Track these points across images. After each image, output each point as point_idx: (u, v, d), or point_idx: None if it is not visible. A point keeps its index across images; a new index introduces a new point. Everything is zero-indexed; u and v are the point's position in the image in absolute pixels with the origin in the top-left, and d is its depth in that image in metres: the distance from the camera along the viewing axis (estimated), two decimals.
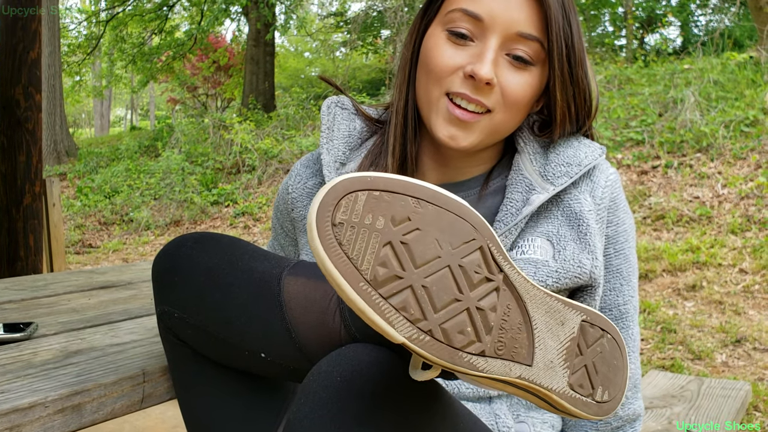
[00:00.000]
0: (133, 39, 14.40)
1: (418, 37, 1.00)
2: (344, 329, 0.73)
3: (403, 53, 1.02)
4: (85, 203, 9.14)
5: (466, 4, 0.92)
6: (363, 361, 0.68)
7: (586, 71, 0.95)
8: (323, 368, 0.68)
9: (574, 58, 0.93)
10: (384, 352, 0.70)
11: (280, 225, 1.12)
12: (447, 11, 0.94)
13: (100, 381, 0.85)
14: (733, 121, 6.22)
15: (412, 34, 1.01)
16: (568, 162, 0.97)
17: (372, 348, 0.70)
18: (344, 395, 0.64)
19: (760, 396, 3.05)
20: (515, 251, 0.95)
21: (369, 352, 0.69)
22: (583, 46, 0.95)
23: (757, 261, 4.53)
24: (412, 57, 1.01)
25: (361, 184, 0.57)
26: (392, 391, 0.66)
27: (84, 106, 30.31)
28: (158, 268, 0.83)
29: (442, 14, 0.96)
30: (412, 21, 1.03)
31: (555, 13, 0.91)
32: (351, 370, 0.66)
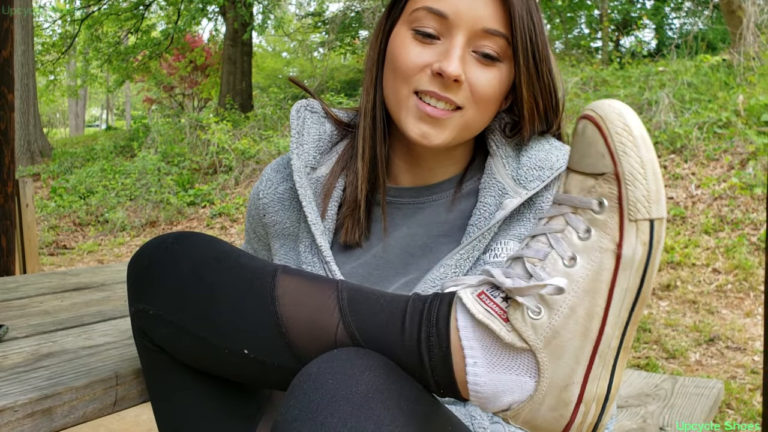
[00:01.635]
0: (109, 38, 14.26)
1: (384, 38, 1.00)
2: (342, 327, 0.72)
3: (369, 54, 1.02)
4: (60, 204, 9.03)
5: (430, 2, 0.92)
6: (355, 364, 0.67)
7: (550, 67, 0.96)
8: (314, 370, 0.67)
9: (539, 53, 0.94)
10: (376, 357, 0.70)
11: (252, 230, 1.11)
12: (412, 10, 0.94)
13: (72, 384, 0.83)
14: (707, 122, 6.30)
15: (377, 35, 1.01)
16: (540, 166, 0.97)
17: (364, 352, 0.70)
18: (336, 399, 0.64)
19: (732, 394, 3.10)
20: (488, 254, 0.95)
21: (361, 356, 0.69)
22: (547, 42, 0.96)
23: (729, 261, 4.60)
24: (378, 58, 1.01)
25: None
26: (384, 395, 0.65)
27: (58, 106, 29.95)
28: (136, 265, 0.81)
29: (407, 13, 0.96)
30: (377, 21, 1.03)
31: (518, 8, 0.91)
32: (343, 374, 0.66)
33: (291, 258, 1.02)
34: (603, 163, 0.67)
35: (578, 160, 0.70)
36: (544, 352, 0.68)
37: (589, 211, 0.68)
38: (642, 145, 0.66)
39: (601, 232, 0.67)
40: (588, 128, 0.68)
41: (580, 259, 0.67)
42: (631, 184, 0.65)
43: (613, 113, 0.66)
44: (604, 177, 0.67)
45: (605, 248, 0.66)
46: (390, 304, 0.74)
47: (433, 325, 0.71)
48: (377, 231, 1.02)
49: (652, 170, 0.65)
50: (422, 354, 0.70)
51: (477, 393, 0.70)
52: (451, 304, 0.72)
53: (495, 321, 0.69)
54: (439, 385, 0.71)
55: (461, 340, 0.69)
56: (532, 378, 0.69)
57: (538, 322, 0.67)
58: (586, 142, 0.69)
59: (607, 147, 0.66)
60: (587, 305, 0.66)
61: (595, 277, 0.66)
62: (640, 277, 0.66)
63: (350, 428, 0.61)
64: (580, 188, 0.69)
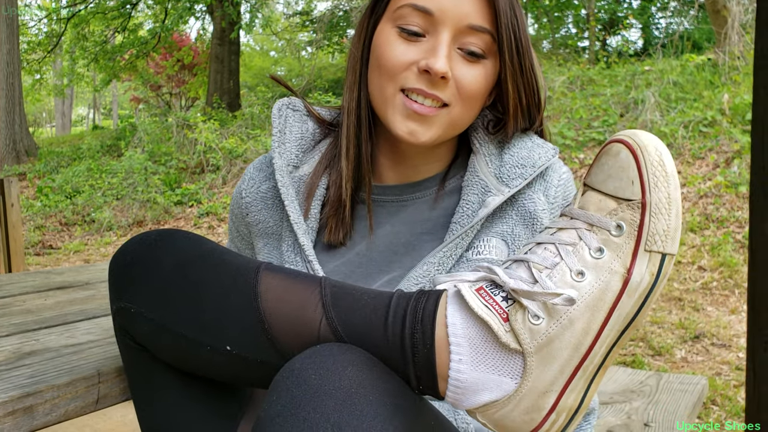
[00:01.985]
0: (96, 37, 14.18)
1: (368, 35, 1.00)
2: (325, 322, 0.72)
3: (352, 52, 1.01)
4: (46, 203, 8.97)
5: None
6: (338, 360, 0.67)
7: (533, 62, 0.96)
8: (297, 366, 0.67)
9: (522, 48, 0.94)
10: (359, 352, 0.70)
11: (235, 228, 1.11)
12: (396, 7, 0.94)
13: (53, 382, 0.83)
14: (692, 121, 6.35)
15: (361, 32, 1.01)
16: (523, 164, 0.98)
17: (347, 348, 0.70)
18: (319, 394, 0.64)
19: (717, 390, 3.12)
20: (471, 252, 0.95)
21: (344, 352, 0.69)
22: (529, 38, 0.96)
23: (715, 258, 4.63)
24: (362, 55, 1.00)
25: None
26: (367, 391, 0.65)
27: (45, 105, 29.75)
28: (117, 263, 0.81)
29: (391, 10, 0.95)
30: (359, 19, 1.03)
31: (503, 4, 0.91)
32: (326, 369, 0.66)
33: (274, 257, 1.02)
34: (631, 190, 0.69)
35: (603, 180, 0.72)
36: (535, 356, 0.69)
37: (605, 232, 0.70)
38: (672, 183, 0.69)
39: (614, 254, 0.69)
40: (622, 153, 0.70)
41: (588, 275, 0.69)
42: (655, 216, 0.68)
43: (652, 146, 0.69)
44: (629, 203, 0.69)
45: (615, 270, 0.68)
46: (374, 300, 0.74)
47: (419, 321, 0.71)
48: (361, 229, 1.02)
49: (676, 208, 0.68)
50: (405, 349, 0.71)
51: (456, 390, 0.70)
52: (438, 301, 0.72)
53: (494, 318, 0.69)
54: (420, 381, 0.72)
55: (449, 336, 0.70)
56: (513, 379, 0.70)
57: (536, 327, 0.68)
58: (618, 165, 0.70)
59: (639, 175, 0.69)
60: (586, 320, 0.68)
61: (600, 296, 0.68)
62: (639, 305, 0.68)
63: (333, 423, 0.61)
64: (598, 207, 0.71)
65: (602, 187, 0.71)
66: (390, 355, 0.71)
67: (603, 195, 0.71)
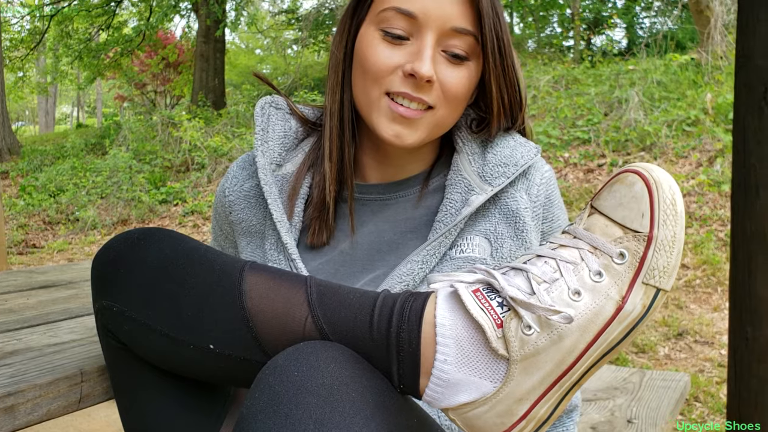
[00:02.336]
0: (80, 34, 14.06)
1: (350, 38, 1.00)
2: (310, 321, 0.73)
3: (334, 54, 1.01)
4: (29, 202, 8.89)
5: (398, 2, 0.92)
6: (321, 357, 0.67)
7: (514, 62, 0.97)
8: (280, 363, 0.67)
9: (505, 49, 0.95)
10: (342, 350, 0.70)
11: (219, 227, 1.11)
12: (379, 10, 0.94)
13: (35, 382, 0.83)
14: (676, 120, 6.39)
15: (342, 35, 1.00)
16: (505, 162, 0.99)
17: (330, 345, 0.70)
18: (301, 391, 0.64)
19: (700, 387, 3.15)
20: (454, 250, 0.96)
21: (327, 349, 0.69)
22: (510, 39, 0.97)
23: (698, 256, 4.67)
24: (344, 58, 1.00)
25: None
26: (349, 388, 0.66)
27: (28, 103, 29.49)
28: (100, 261, 0.81)
29: (374, 13, 0.95)
30: (339, 20, 1.03)
31: (486, 6, 0.92)
32: (308, 366, 0.66)
33: (257, 255, 1.02)
34: (640, 222, 0.71)
35: (613, 206, 0.73)
36: (519, 365, 0.70)
37: (608, 257, 0.71)
38: (680, 223, 0.71)
39: (612, 280, 0.70)
40: (638, 185, 0.72)
41: (585, 296, 0.70)
42: (658, 252, 0.69)
43: (666, 184, 0.71)
44: (635, 234, 0.71)
45: (611, 296, 0.70)
46: (360, 299, 0.74)
47: (405, 320, 0.71)
48: (344, 227, 1.02)
49: (678, 248, 0.70)
50: (390, 348, 0.71)
51: (435, 389, 0.71)
52: (425, 301, 0.73)
53: (488, 322, 0.70)
54: (401, 380, 0.72)
55: (436, 335, 0.70)
56: (492, 383, 0.71)
57: (527, 338, 0.70)
58: (632, 196, 0.72)
59: (651, 210, 0.70)
60: (574, 339, 0.69)
61: (593, 319, 0.70)
62: (625, 333, 0.70)
63: (315, 420, 0.62)
64: (603, 232, 0.73)
65: (611, 214, 0.73)
66: (375, 354, 0.72)
67: (610, 221, 0.73)
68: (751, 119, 1.79)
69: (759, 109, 1.77)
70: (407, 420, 0.71)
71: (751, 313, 1.80)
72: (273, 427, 0.62)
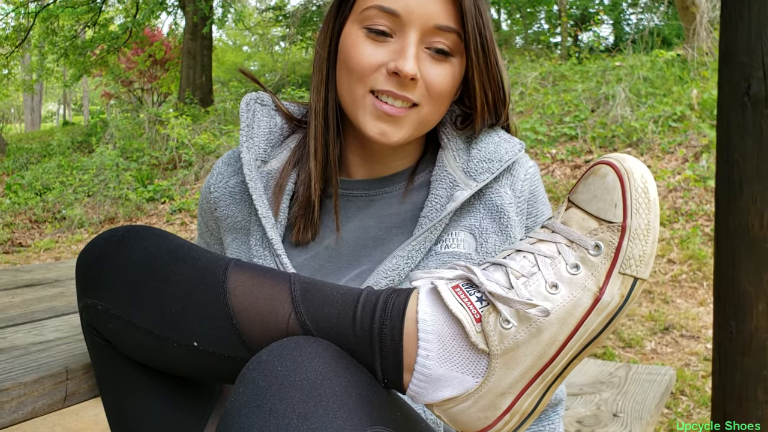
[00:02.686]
0: (65, 31, 13.96)
1: (334, 36, 1.00)
2: (294, 317, 0.73)
3: (319, 53, 1.02)
4: (15, 201, 8.83)
5: (381, 0, 0.92)
6: (304, 352, 0.68)
7: (497, 59, 0.97)
8: (263, 358, 0.68)
9: (488, 46, 0.95)
10: (326, 345, 0.71)
11: (204, 223, 1.11)
12: (362, 9, 0.94)
13: (20, 380, 0.83)
14: (662, 116, 6.43)
15: (326, 33, 1.01)
16: (490, 158, 0.99)
17: (314, 340, 0.71)
18: (284, 385, 0.64)
19: (686, 381, 3.18)
20: (439, 245, 0.97)
21: (311, 344, 0.69)
22: (493, 35, 0.97)
23: (684, 251, 4.70)
24: (328, 57, 1.01)
25: None
26: (333, 382, 0.66)
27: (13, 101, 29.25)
28: (85, 260, 0.81)
29: (357, 12, 0.95)
30: (323, 19, 1.03)
31: (468, 3, 0.92)
32: (292, 361, 0.67)
33: (243, 252, 1.02)
34: (614, 213, 0.71)
35: (588, 200, 0.74)
36: (500, 359, 0.71)
37: (584, 250, 0.72)
38: (653, 211, 0.71)
39: (589, 272, 0.71)
40: (610, 176, 0.72)
41: (562, 289, 0.71)
42: (632, 241, 0.70)
43: (638, 172, 0.71)
44: (609, 225, 0.71)
45: (588, 288, 0.70)
46: (343, 296, 0.75)
47: (388, 316, 0.72)
48: (329, 223, 1.03)
49: (653, 236, 0.71)
50: (373, 344, 0.72)
51: (419, 385, 0.72)
52: (408, 298, 0.73)
53: (467, 317, 0.71)
54: (385, 375, 0.73)
55: (418, 331, 0.71)
56: (475, 378, 0.72)
57: (506, 332, 0.70)
58: (604, 187, 0.73)
59: (623, 200, 0.71)
60: (553, 332, 0.70)
61: (570, 311, 0.70)
62: (605, 324, 0.71)
63: (299, 414, 0.62)
64: (580, 225, 0.73)
65: (586, 207, 0.74)
66: (358, 349, 0.72)
67: (586, 214, 0.73)
68: (734, 115, 1.80)
69: (742, 105, 1.78)
70: (391, 414, 0.71)
71: (735, 306, 1.82)
72: (257, 421, 0.62)
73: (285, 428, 0.61)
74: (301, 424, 0.61)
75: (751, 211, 1.78)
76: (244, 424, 0.63)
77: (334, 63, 1.00)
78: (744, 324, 1.80)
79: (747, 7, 1.78)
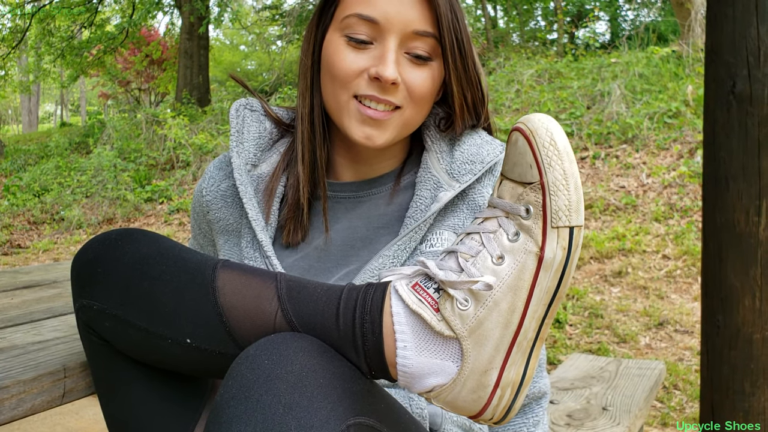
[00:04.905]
0: (62, 32, 13.96)
1: (317, 44, 1.03)
2: (280, 314, 0.77)
3: (302, 61, 1.05)
4: (13, 202, 8.85)
5: (360, 8, 0.96)
6: (290, 347, 0.71)
7: (475, 61, 1.01)
8: (251, 353, 0.71)
9: (465, 49, 0.99)
10: (311, 340, 0.74)
11: (197, 226, 1.14)
12: (342, 17, 0.98)
13: (19, 378, 0.86)
14: (657, 113, 6.46)
15: (309, 41, 1.04)
16: (472, 160, 1.03)
17: (300, 336, 0.74)
18: (271, 378, 0.68)
19: (679, 375, 3.21)
20: (424, 245, 1.00)
21: (296, 339, 0.73)
22: (470, 38, 1.01)
23: (678, 247, 4.73)
24: (312, 64, 1.04)
25: None
26: (317, 374, 0.70)
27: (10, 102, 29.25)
28: (79, 262, 0.84)
29: (338, 20, 0.99)
30: (305, 29, 1.06)
31: (444, 8, 0.96)
32: (278, 355, 0.70)
33: (234, 253, 1.05)
34: (531, 173, 0.74)
35: (510, 168, 0.77)
36: (469, 340, 0.74)
37: (518, 217, 0.74)
38: (566, 158, 0.73)
39: (527, 236, 0.74)
40: (519, 140, 0.75)
41: (507, 258, 0.74)
42: (554, 194, 0.72)
43: (542, 128, 0.73)
44: (531, 186, 0.74)
45: (529, 251, 0.73)
46: (326, 293, 0.78)
47: (368, 311, 0.75)
48: (319, 224, 1.06)
49: (573, 182, 0.73)
50: (356, 338, 0.75)
51: (405, 374, 0.75)
52: (385, 292, 0.77)
53: (427, 310, 0.74)
54: (371, 367, 0.76)
55: (394, 324, 0.75)
56: (455, 363, 0.75)
57: (465, 312, 0.74)
58: (518, 152, 0.75)
59: (534, 159, 0.73)
60: (510, 300, 0.73)
61: (519, 276, 0.73)
62: (558, 278, 0.73)
63: (284, 405, 0.65)
64: (511, 194, 0.76)
65: (511, 175, 0.76)
66: (342, 344, 0.76)
67: (513, 182, 0.76)
68: (720, 113, 1.84)
69: (727, 103, 1.81)
70: (375, 405, 0.75)
71: (721, 301, 1.85)
72: (245, 411, 0.66)
73: (271, 418, 0.65)
74: (286, 414, 0.65)
75: (737, 207, 1.81)
76: (232, 415, 0.66)
77: (318, 70, 1.04)
78: (731, 318, 1.83)
79: (732, 6, 1.81)
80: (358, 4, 0.96)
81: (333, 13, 1.01)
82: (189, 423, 0.87)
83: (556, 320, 3.91)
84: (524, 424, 1.09)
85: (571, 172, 0.73)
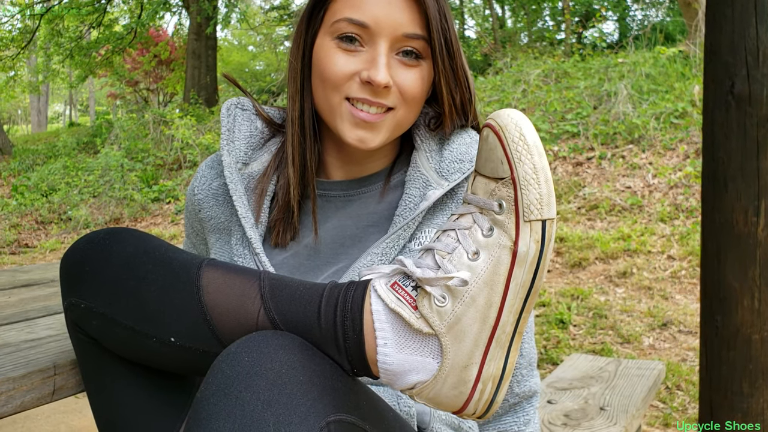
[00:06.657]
0: (70, 33, 14.04)
1: (307, 48, 1.04)
2: (263, 313, 0.77)
3: (292, 64, 1.06)
4: (21, 202, 8.91)
5: (350, 13, 0.96)
6: (271, 344, 0.72)
7: (463, 61, 1.01)
8: (233, 350, 0.72)
9: (453, 50, 1.00)
10: (292, 338, 0.75)
11: (190, 225, 1.15)
12: (332, 21, 0.98)
13: (9, 375, 0.86)
14: (664, 113, 6.44)
15: (299, 45, 1.04)
16: (461, 159, 1.03)
17: (281, 334, 0.75)
18: (251, 375, 0.69)
19: (682, 376, 3.20)
20: (413, 243, 1.00)
21: (277, 337, 0.74)
22: (458, 39, 1.01)
23: (684, 247, 4.72)
24: (302, 68, 1.04)
25: None
26: (297, 372, 0.70)
27: (20, 102, 29.42)
28: (68, 261, 0.85)
29: (328, 24, 0.99)
30: (294, 32, 1.06)
31: (433, 11, 0.96)
32: (259, 352, 0.71)
33: (225, 251, 1.06)
34: (502, 169, 0.74)
35: (483, 164, 0.77)
36: (448, 336, 0.74)
37: (491, 212, 0.75)
38: (535, 153, 0.73)
39: (501, 231, 0.74)
40: (490, 136, 0.76)
41: (482, 254, 0.74)
42: (525, 189, 0.73)
43: (511, 123, 0.74)
44: (503, 181, 0.74)
45: (503, 245, 0.74)
46: (308, 291, 0.79)
47: (348, 309, 0.76)
48: (309, 223, 1.06)
49: (544, 175, 0.73)
50: (337, 336, 0.76)
51: (386, 372, 0.76)
52: (365, 290, 0.77)
53: (405, 309, 0.75)
54: (353, 364, 0.77)
55: (374, 322, 0.75)
56: (435, 359, 0.76)
57: (443, 309, 0.74)
58: (488, 148, 0.76)
59: (505, 154, 0.74)
60: (486, 295, 0.74)
61: (494, 271, 0.74)
62: (533, 272, 0.74)
63: (264, 401, 0.66)
64: (484, 190, 0.77)
65: (484, 171, 0.77)
66: (324, 342, 0.76)
67: (486, 178, 0.77)
68: (719, 114, 1.83)
69: (726, 103, 1.81)
70: (356, 402, 0.76)
71: (720, 301, 1.84)
72: (224, 408, 0.66)
73: (250, 415, 0.65)
74: (265, 411, 0.65)
75: (735, 207, 1.81)
76: (211, 411, 0.67)
77: (309, 73, 1.04)
78: (729, 319, 1.83)
79: (731, 6, 1.80)
80: (348, 8, 0.96)
81: (323, 17, 1.01)
82: (175, 420, 0.88)
83: (559, 320, 3.91)
84: (515, 422, 1.09)
85: (541, 165, 0.73)
